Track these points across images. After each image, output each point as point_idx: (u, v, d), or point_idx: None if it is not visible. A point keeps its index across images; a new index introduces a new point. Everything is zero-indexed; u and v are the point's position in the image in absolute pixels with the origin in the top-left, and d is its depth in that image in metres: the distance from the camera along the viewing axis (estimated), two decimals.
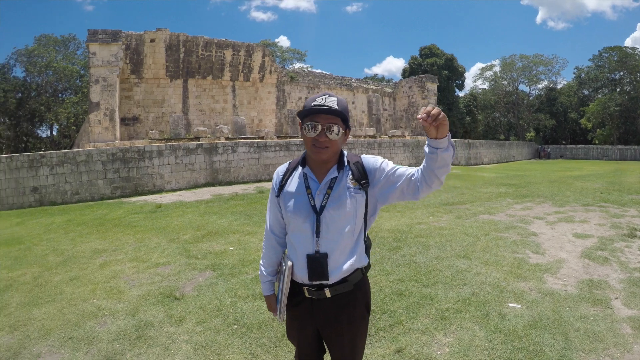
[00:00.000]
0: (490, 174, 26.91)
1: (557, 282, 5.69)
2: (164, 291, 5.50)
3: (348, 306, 2.32)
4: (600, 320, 4.52)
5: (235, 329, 4.36)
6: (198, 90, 29.93)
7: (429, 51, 58.40)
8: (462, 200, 13.47)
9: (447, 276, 5.89)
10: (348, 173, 2.29)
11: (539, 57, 67.30)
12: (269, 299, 2.55)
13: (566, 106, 69.31)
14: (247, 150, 20.83)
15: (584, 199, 13.43)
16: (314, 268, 2.23)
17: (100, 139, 22.95)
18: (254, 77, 32.31)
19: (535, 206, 12.17)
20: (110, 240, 8.85)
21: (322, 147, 2.18)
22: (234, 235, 8.82)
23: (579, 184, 18.47)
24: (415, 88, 43.86)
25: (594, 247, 7.50)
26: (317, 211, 2.24)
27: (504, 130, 77.65)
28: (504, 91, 69.89)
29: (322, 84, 38.02)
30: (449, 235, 8.41)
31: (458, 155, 37.57)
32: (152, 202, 14.26)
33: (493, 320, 4.49)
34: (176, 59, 28.15)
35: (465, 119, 59.76)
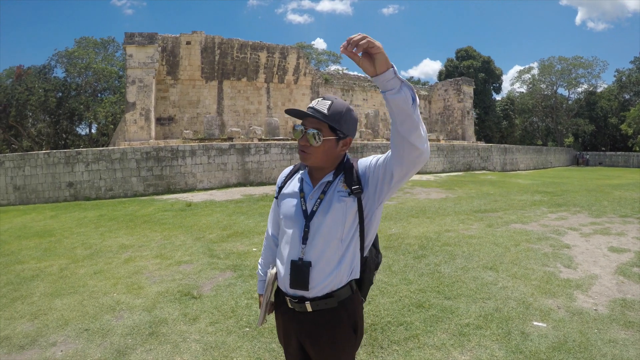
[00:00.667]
0: (525, 180, 26.37)
1: (588, 301, 5.37)
2: (183, 289, 5.55)
3: (330, 325, 2.11)
4: (630, 345, 4.19)
5: (246, 331, 4.34)
6: (233, 91, 30.30)
7: (465, 53, 57.78)
8: (495, 208, 13.07)
9: (471, 289, 5.65)
10: (341, 178, 2.12)
11: (579, 59, 65.28)
12: (260, 298, 2.36)
13: (606, 111, 67.28)
14: (279, 152, 20.92)
15: (622, 209, 12.89)
16: (296, 276, 2.07)
17: (136, 137, 23.43)
18: (288, 79, 32.51)
19: (571, 216, 11.72)
20: (137, 237, 9.01)
21: (302, 152, 2.10)
22: (259, 236, 8.83)
23: (618, 194, 17.90)
24: (451, 91, 43.38)
25: (630, 263, 7.07)
26: (307, 216, 2.10)
27: (542, 135, 76.05)
28: (542, 95, 68.22)
29: (356, 87, 37.98)
30: (477, 245, 8.13)
31: (493, 160, 37.05)
32: (183, 201, 14.45)
33: (515, 340, 4.24)
34: (211, 60, 28.56)
35: (502, 123, 58.88)
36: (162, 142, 21.24)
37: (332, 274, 2.06)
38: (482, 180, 24.87)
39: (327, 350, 2.12)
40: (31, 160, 16.74)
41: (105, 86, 48.11)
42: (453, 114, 43.23)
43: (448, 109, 43.68)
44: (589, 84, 68.24)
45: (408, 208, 12.72)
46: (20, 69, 43.59)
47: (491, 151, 37.15)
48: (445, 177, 25.69)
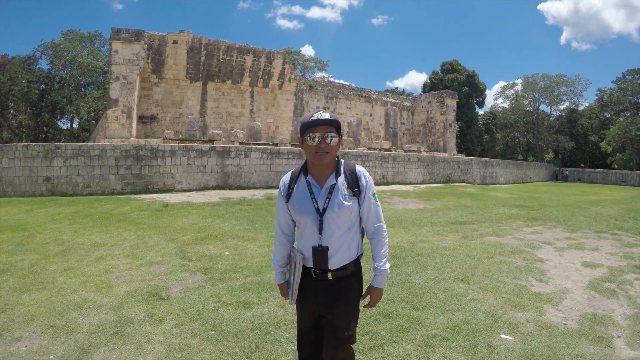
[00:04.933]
0: (504, 194, 26.58)
1: (558, 315, 5.40)
2: (151, 290, 5.56)
3: (344, 288, 2.84)
4: None
5: (211, 335, 4.36)
6: (217, 93, 30.23)
7: (451, 67, 58.33)
8: (471, 220, 13.19)
9: (440, 300, 5.62)
10: (344, 181, 2.79)
11: (562, 77, 66.23)
12: (281, 287, 3.05)
13: (587, 128, 68.53)
14: (259, 156, 20.92)
15: (597, 225, 13.07)
16: (317, 258, 2.77)
17: (116, 135, 23.25)
18: (273, 84, 32.55)
19: (546, 230, 11.86)
20: (111, 235, 8.99)
21: (323, 152, 2.67)
22: (233, 240, 8.86)
23: (594, 209, 18.13)
24: (435, 103, 43.75)
25: (603, 278, 7.15)
26: (320, 212, 2.74)
27: (523, 150, 76.99)
28: (524, 110, 69.05)
29: (340, 94, 38.12)
30: (450, 256, 8.16)
31: (473, 173, 37.46)
32: (160, 201, 14.38)
33: (481, 352, 4.23)
34: (197, 61, 28.48)
35: (484, 137, 59.44)
36: (142, 141, 21.09)
37: (344, 253, 2.81)
38: (460, 192, 25.04)
39: (339, 307, 2.83)
40: (9, 152, 16.50)
41: (89, 81, 47.76)
42: (435, 126, 43.58)
43: (431, 121, 44.03)
44: (570, 102, 69.59)
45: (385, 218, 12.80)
46: (5, 58, 43.14)
47: (471, 164, 37.50)
48: (425, 188, 25.85)
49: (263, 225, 10.57)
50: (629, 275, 7.44)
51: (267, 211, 12.98)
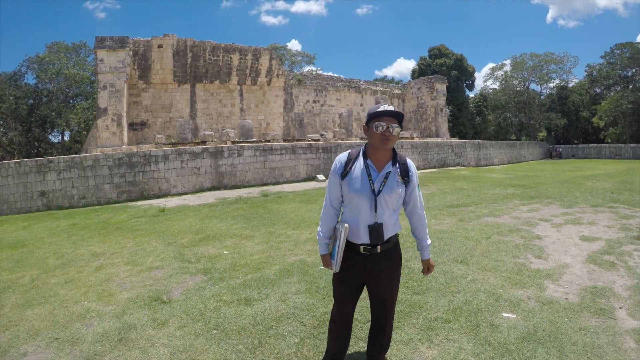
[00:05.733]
0: (499, 175, 26.61)
1: (558, 290, 5.43)
2: (153, 294, 5.58)
3: (392, 258, 3.30)
4: (601, 332, 4.25)
5: (214, 334, 4.38)
6: (205, 94, 30.21)
7: (438, 52, 58.35)
8: (467, 202, 13.21)
9: (440, 283, 5.68)
10: (398, 170, 3.19)
11: (550, 55, 66.42)
12: (325, 257, 3.35)
13: (578, 105, 68.73)
14: (252, 154, 20.95)
15: (593, 199, 13.17)
16: (374, 234, 3.14)
17: (108, 144, 23.22)
18: (261, 81, 32.51)
19: (543, 208, 11.93)
20: (110, 244, 8.97)
21: (387, 139, 3.04)
22: (231, 239, 8.87)
23: (589, 184, 18.21)
24: (424, 89, 43.75)
25: (601, 251, 7.21)
26: (375, 193, 3.11)
27: (515, 130, 77.18)
28: (514, 91, 69.25)
29: (330, 87, 38.10)
30: (448, 239, 8.19)
31: (467, 156, 37.53)
32: (157, 206, 14.39)
33: (483, 332, 4.27)
34: (183, 64, 28.45)
35: (476, 119, 59.62)
36: (134, 148, 21.05)
37: (391, 230, 3.24)
38: (455, 176, 25.06)
39: (390, 275, 3.32)
40: (2, 170, 16.42)
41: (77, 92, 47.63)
42: (427, 111, 43.60)
43: (422, 107, 44.05)
44: (560, 79, 69.71)
45: None
46: None
47: (465, 147, 37.56)
48: (419, 174, 25.85)
49: (260, 223, 10.58)
50: (627, 246, 7.50)
51: (263, 208, 13.00)
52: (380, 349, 3.58)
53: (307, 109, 36.36)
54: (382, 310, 3.42)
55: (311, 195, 16.02)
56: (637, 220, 9.91)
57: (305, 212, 12.03)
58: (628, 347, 4.00)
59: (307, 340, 4.18)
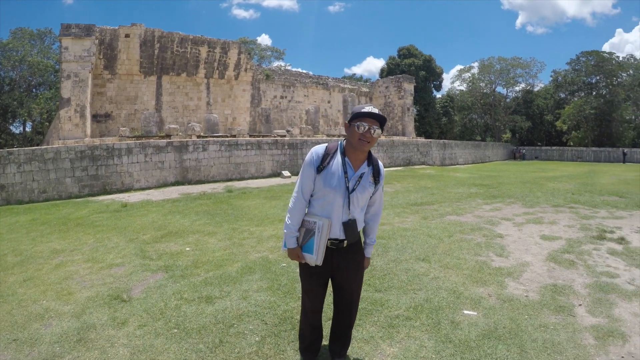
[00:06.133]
0: (463, 174, 27.00)
1: (519, 287, 5.55)
2: (113, 293, 5.50)
3: (356, 251, 3.44)
4: (561, 329, 4.37)
5: (174, 333, 4.34)
6: (172, 87, 29.82)
7: (407, 52, 58.85)
8: (431, 201, 13.42)
9: (402, 280, 5.74)
10: (371, 171, 3.31)
11: (517, 60, 68.28)
12: (295, 251, 3.34)
13: (542, 108, 70.63)
14: (217, 149, 20.75)
15: (554, 199, 13.56)
16: (349, 231, 3.28)
17: (70, 135, 22.71)
18: (229, 75, 32.27)
19: (505, 207, 12.19)
20: (70, 240, 8.78)
21: (366, 141, 3.11)
22: (194, 235, 8.81)
23: (551, 185, 18.72)
24: (392, 88, 44.10)
25: (561, 250, 7.43)
26: (349, 191, 3.22)
27: (481, 131, 78.56)
28: (481, 93, 70.84)
29: (298, 83, 38.06)
30: (411, 237, 8.28)
31: (433, 155, 37.95)
32: (119, 201, 14.11)
33: (444, 329, 4.32)
34: (150, 54, 28.02)
35: (442, 119, 60.36)
36: (97, 140, 20.65)
37: (360, 225, 3.40)
38: (420, 174, 25.35)
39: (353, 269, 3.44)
40: None
41: (40, 81, 46.35)
42: (394, 110, 43.92)
43: (389, 106, 44.36)
44: (526, 83, 72.00)
45: None
46: None
47: (431, 146, 37.98)
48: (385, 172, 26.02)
49: (224, 219, 10.52)
50: (586, 246, 7.74)
51: (227, 204, 12.94)
52: (344, 344, 3.69)
53: (275, 105, 36.23)
54: (348, 304, 3.52)
55: (276, 192, 16.02)
56: (597, 220, 10.24)
57: (270, 209, 12.03)
58: (587, 343, 4.12)
59: (268, 339, 4.18)
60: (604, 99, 62.35)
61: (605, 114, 61.37)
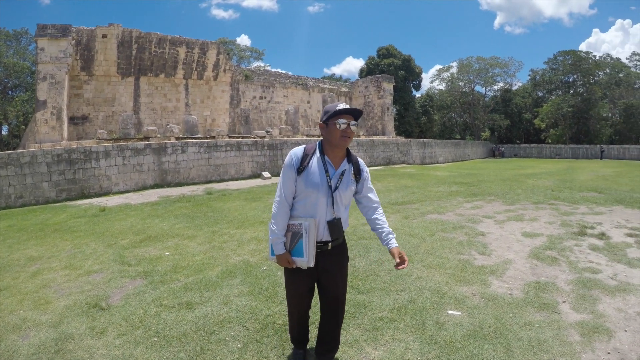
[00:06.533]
0: (443, 172, 27.16)
1: (502, 286, 5.56)
2: (91, 301, 5.39)
3: (340, 253, 3.44)
4: (546, 327, 4.37)
5: (155, 341, 4.25)
6: (150, 88, 29.53)
7: (387, 52, 59.11)
8: (412, 200, 13.46)
9: (385, 281, 5.71)
10: (351, 168, 3.35)
11: (496, 59, 69.51)
12: (284, 256, 3.29)
13: (521, 107, 71.86)
14: (197, 151, 20.59)
15: (534, 196, 13.70)
16: (335, 229, 3.27)
17: (47, 139, 22.33)
18: (207, 76, 32.09)
19: (486, 205, 12.28)
20: (47, 247, 8.59)
21: (347, 136, 3.18)
22: (173, 239, 8.69)
23: (531, 182, 18.93)
24: (372, 88, 44.25)
25: (543, 247, 7.48)
26: (332, 190, 3.23)
27: (460, 129, 79.41)
28: (460, 92, 71.68)
29: (277, 83, 38.00)
30: None
31: (413, 154, 38.13)
32: (97, 205, 13.87)
33: (429, 330, 4.30)
34: (128, 55, 27.74)
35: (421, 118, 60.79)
36: (74, 143, 20.28)
37: (344, 225, 3.38)
38: (401, 173, 25.42)
39: (338, 271, 3.43)
40: None
41: (16, 83, 45.43)
42: (373, 110, 44.08)
43: (368, 105, 44.51)
44: (504, 82, 73.48)
45: None
46: None
47: (410, 145, 38.17)
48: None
49: (203, 222, 10.42)
50: (568, 242, 7.82)
51: (207, 206, 12.84)
52: (333, 347, 3.66)
53: (254, 105, 36.12)
54: (335, 306, 3.49)
55: (256, 193, 15.92)
56: (577, 216, 10.38)
57: (250, 211, 11.94)
58: (573, 340, 4.14)
59: (250, 345, 4.11)
60: (581, 97, 63.73)
61: (582, 111, 62.77)
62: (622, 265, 6.51)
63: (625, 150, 54.55)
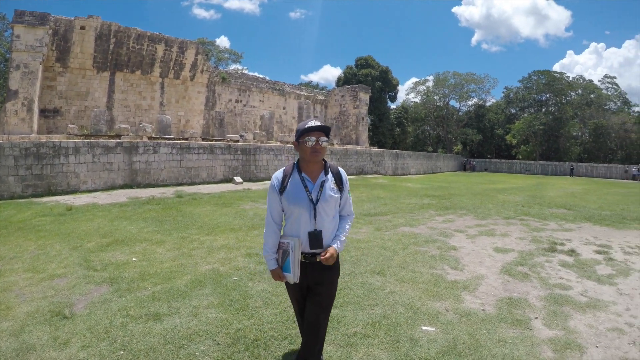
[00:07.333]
0: (415, 184, 27.41)
1: (475, 301, 5.59)
2: (54, 308, 5.15)
3: (330, 269, 3.46)
4: (519, 343, 4.40)
5: (121, 355, 4.05)
6: (125, 84, 29.05)
7: (365, 62, 59.45)
8: (384, 211, 13.50)
9: (358, 295, 5.65)
10: (331, 178, 3.49)
11: (471, 75, 71.07)
12: (276, 271, 3.52)
13: (493, 123, 73.33)
14: (169, 152, 20.29)
15: (505, 212, 13.92)
16: (314, 241, 3.38)
17: (16, 130, 21.72)
18: (184, 75, 31.77)
19: (457, 218, 12.41)
20: (10, 247, 8.27)
21: (317, 151, 3.33)
22: (141, 244, 8.49)
23: (502, 197, 19.24)
24: (348, 97, 44.45)
25: (514, 262, 7.58)
26: (314, 202, 3.37)
27: (433, 142, 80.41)
28: (435, 105, 72.93)
29: (254, 87, 37.84)
30: (365, 249, 8.26)
31: (385, 165, 38.30)
32: (64, 204, 13.49)
33: (404, 347, 4.23)
34: (105, 49, 27.25)
35: (395, 130, 61.22)
36: (44, 137, 19.68)
37: (331, 236, 3.48)
38: (373, 184, 25.57)
39: (328, 283, 3.49)
40: None
41: None
42: (348, 119, 44.27)
43: (344, 114, 44.69)
44: (479, 98, 75.41)
45: None
46: None
47: (383, 156, 38.36)
48: None
49: (173, 227, 10.23)
50: (539, 258, 7.96)
51: (176, 210, 12.65)
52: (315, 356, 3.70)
53: (229, 108, 35.89)
54: (314, 320, 3.53)
55: (227, 198, 15.79)
56: (547, 232, 10.57)
57: (220, 217, 11.80)
58: (546, 356, 4.18)
59: None
60: (553, 116, 65.76)
61: (553, 129, 64.60)
62: (591, 281, 6.66)
63: (593, 169, 56.97)
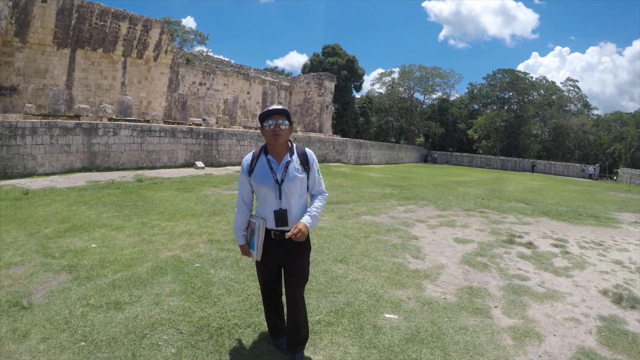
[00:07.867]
0: (377, 174, 27.66)
1: (437, 290, 5.69)
2: (12, 298, 4.91)
3: (299, 244, 3.60)
4: (480, 331, 4.53)
5: (82, 346, 3.91)
6: (86, 63, 28.06)
7: (332, 50, 59.42)
8: (346, 200, 13.59)
9: (321, 283, 5.67)
10: (297, 159, 3.62)
11: (437, 69, 72.30)
12: (243, 247, 3.81)
13: (456, 117, 74.85)
14: (129, 134, 19.75)
15: (465, 204, 14.20)
16: (279, 219, 3.54)
17: None
18: (148, 55, 31.02)
19: (419, 209, 12.56)
20: None
21: (277, 134, 3.46)
22: (100, 230, 8.22)
23: (462, 189, 19.63)
24: (313, 85, 44.38)
25: (474, 253, 7.75)
26: (279, 183, 3.53)
27: (396, 133, 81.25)
28: (399, 97, 73.75)
29: (218, 70, 37.40)
30: (327, 237, 8.28)
31: (348, 154, 38.50)
32: (20, 188, 12.86)
33: (367, 334, 4.30)
34: (67, 25, 26.15)
35: (359, 119, 61.46)
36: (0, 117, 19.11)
37: (298, 214, 3.61)
38: (335, 172, 25.71)
39: (300, 258, 3.69)
40: None
41: None
42: (312, 106, 44.24)
43: (308, 102, 44.64)
44: (443, 92, 77.07)
45: None
46: None
47: (346, 145, 38.55)
48: None
49: (133, 212, 9.99)
50: (497, 249, 8.17)
51: (137, 195, 12.39)
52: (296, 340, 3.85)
53: (193, 91, 35.40)
54: (292, 295, 3.75)
55: (188, 183, 15.61)
56: (506, 225, 10.85)
57: (182, 202, 11.64)
58: (506, 344, 4.33)
59: (185, 350, 3.91)
60: (515, 114, 67.78)
61: (514, 127, 66.62)
62: (548, 273, 6.87)
63: (551, 166, 59.16)
